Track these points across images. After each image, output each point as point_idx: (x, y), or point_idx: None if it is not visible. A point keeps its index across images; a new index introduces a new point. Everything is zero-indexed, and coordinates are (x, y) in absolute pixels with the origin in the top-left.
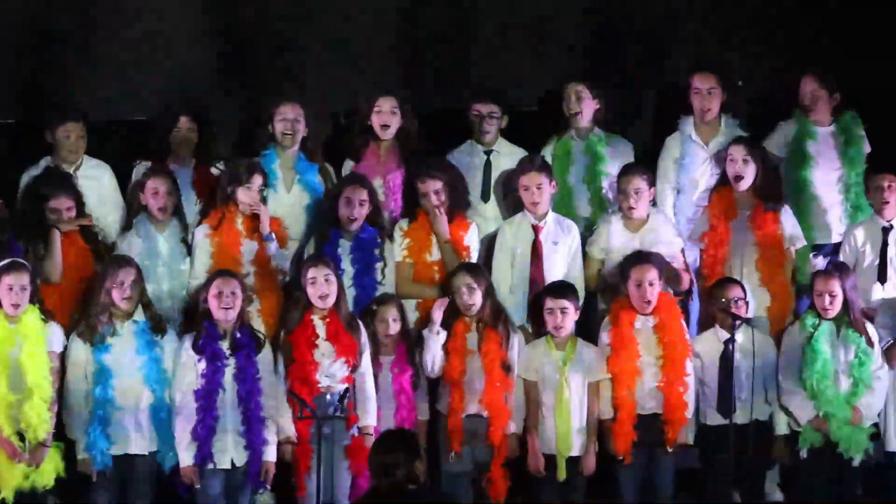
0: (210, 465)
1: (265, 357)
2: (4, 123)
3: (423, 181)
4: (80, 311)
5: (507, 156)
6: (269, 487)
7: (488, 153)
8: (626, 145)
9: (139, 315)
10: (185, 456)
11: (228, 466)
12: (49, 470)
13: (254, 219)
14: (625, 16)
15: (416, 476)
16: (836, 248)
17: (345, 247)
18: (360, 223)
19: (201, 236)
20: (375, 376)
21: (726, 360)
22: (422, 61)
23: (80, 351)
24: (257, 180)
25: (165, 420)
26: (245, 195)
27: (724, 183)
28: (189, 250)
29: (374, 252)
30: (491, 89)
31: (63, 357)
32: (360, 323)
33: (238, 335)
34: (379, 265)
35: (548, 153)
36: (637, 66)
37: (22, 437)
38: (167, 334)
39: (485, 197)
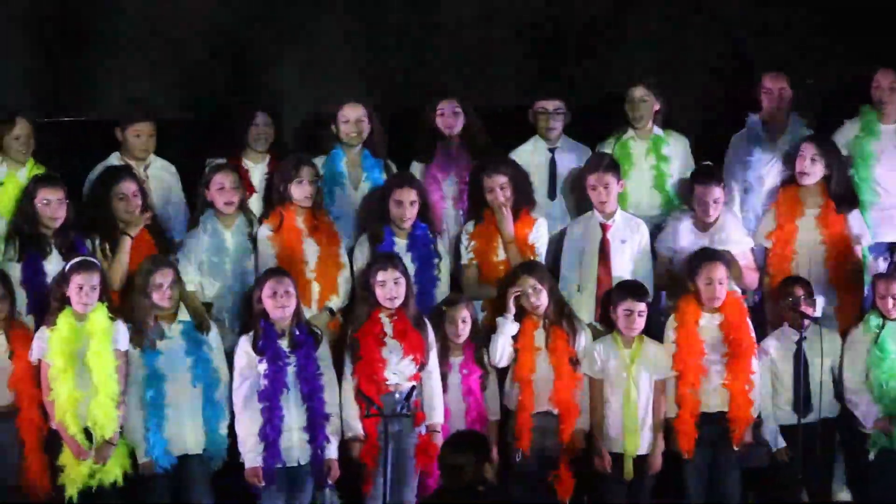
0: (281, 465)
1: (323, 353)
2: (74, 121)
3: (490, 175)
4: (126, 316)
5: (570, 152)
6: (332, 484)
7: (552, 150)
8: (684, 141)
9: (183, 314)
10: (250, 457)
11: (294, 464)
12: (115, 468)
13: (313, 214)
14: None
15: (485, 477)
16: (892, 247)
17: (399, 245)
18: (413, 222)
19: (263, 237)
20: (445, 377)
21: (799, 358)
22: (487, 60)
23: (132, 355)
24: (306, 173)
25: (212, 419)
26: (298, 191)
27: (792, 180)
28: (255, 246)
29: (430, 248)
30: (557, 86)
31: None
32: (427, 321)
33: (296, 333)
34: (436, 261)
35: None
36: (702, 64)
37: (89, 435)
38: (211, 331)
39: (551, 195)
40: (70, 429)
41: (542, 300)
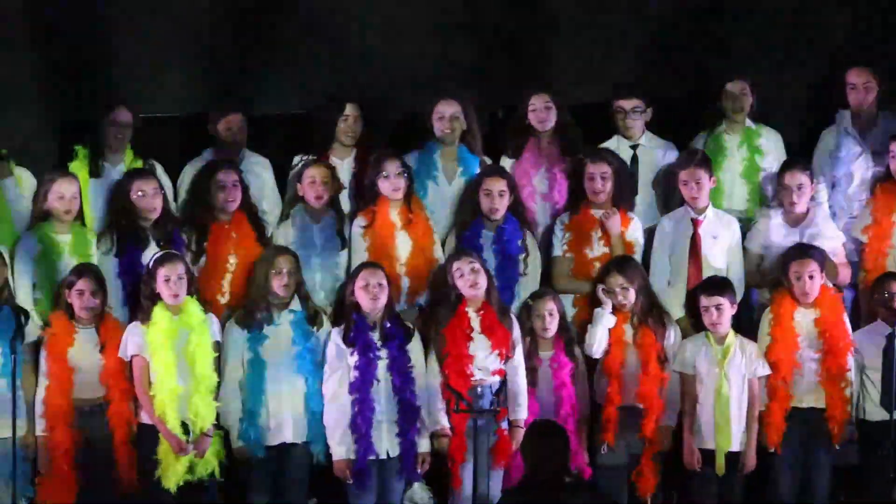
0: (370, 457)
1: (415, 347)
2: (171, 117)
3: (595, 162)
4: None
5: (653, 149)
6: (422, 477)
7: (634, 147)
8: (777, 136)
9: (296, 305)
10: (339, 450)
11: (384, 457)
12: (212, 459)
13: (409, 208)
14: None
15: (569, 467)
16: None
17: (487, 237)
18: (503, 214)
19: (357, 230)
20: (535, 371)
21: (889, 354)
22: (565, 56)
23: (238, 337)
24: (391, 167)
25: (318, 411)
26: (386, 185)
27: (889, 177)
28: (344, 242)
29: (516, 243)
30: (633, 83)
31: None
32: (513, 315)
33: (387, 325)
34: (521, 256)
35: (698, 146)
36: (791, 59)
37: (184, 428)
38: (324, 327)
39: (633, 191)
40: (169, 423)
41: (630, 299)
